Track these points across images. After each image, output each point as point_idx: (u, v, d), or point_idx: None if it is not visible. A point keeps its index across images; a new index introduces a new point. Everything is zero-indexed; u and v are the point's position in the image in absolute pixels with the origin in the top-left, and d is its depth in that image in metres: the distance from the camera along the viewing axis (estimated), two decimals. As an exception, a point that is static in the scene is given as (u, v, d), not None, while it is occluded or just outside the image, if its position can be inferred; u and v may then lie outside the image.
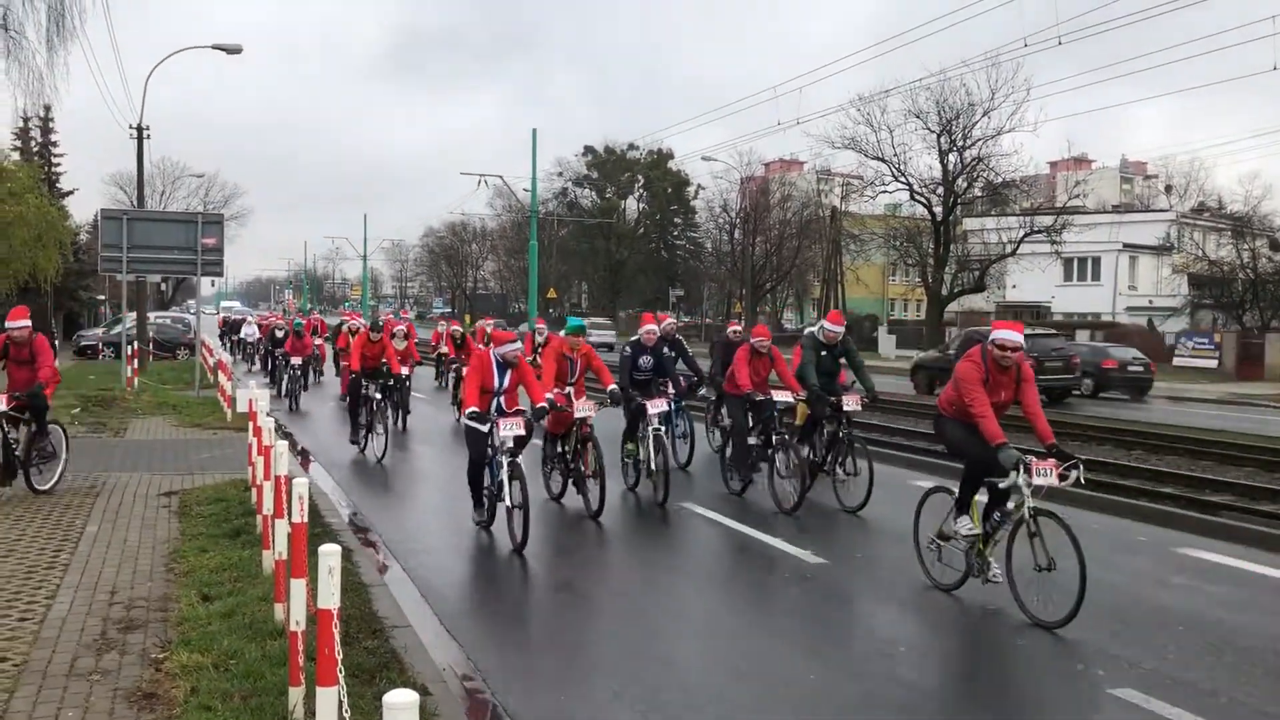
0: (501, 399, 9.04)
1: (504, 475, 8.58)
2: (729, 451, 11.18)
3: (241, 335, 35.80)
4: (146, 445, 14.17)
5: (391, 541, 9.05)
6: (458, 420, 16.33)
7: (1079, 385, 26.55)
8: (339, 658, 3.89)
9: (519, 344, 9.05)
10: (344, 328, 23.03)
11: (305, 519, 4.96)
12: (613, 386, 10.50)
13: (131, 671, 5.39)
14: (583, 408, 9.80)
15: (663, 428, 10.83)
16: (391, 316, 32.00)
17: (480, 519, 9.34)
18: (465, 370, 17.16)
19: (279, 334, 24.20)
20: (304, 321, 24.16)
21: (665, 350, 12.02)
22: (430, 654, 5.94)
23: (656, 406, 10.80)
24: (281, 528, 5.99)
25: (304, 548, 4.88)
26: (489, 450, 8.79)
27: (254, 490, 9.14)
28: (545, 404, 9.00)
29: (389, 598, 6.98)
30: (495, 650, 6.29)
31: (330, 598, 3.97)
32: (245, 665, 5.37)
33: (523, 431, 8.62)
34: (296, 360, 20.98)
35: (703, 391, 14.66)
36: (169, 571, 7.41)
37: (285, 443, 6.64)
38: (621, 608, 7.36)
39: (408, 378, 16.77)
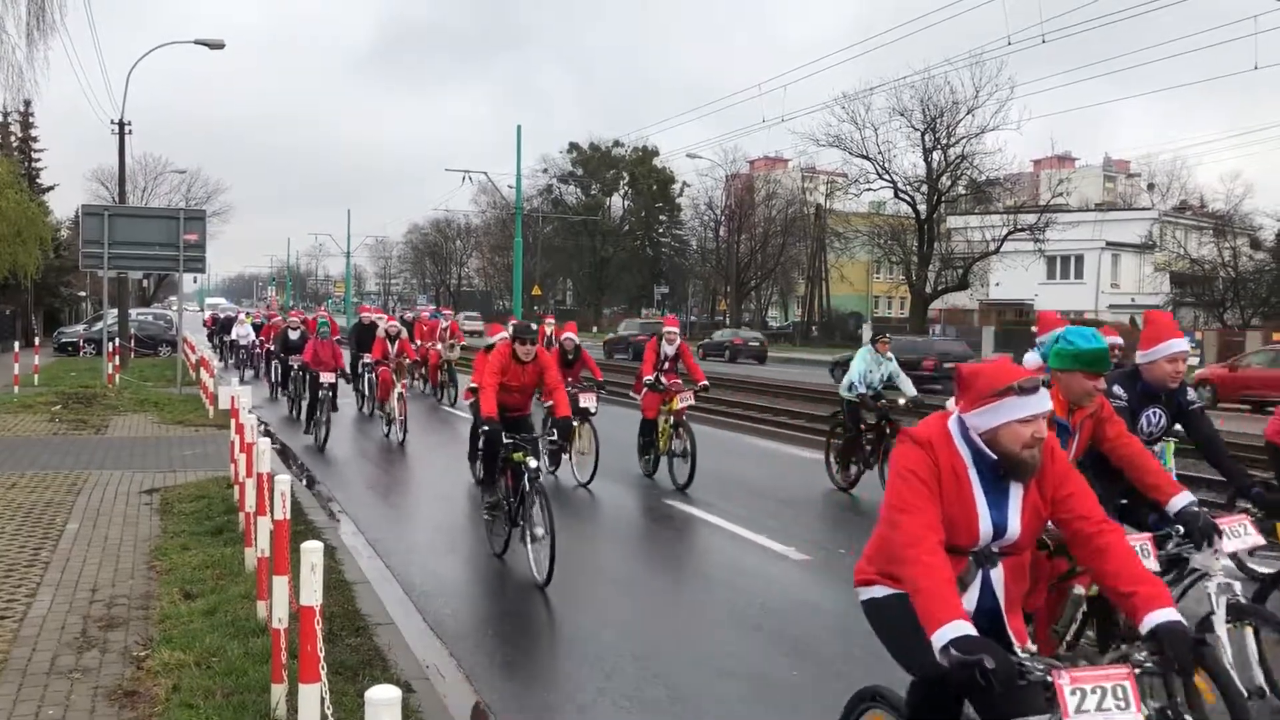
0: (998, 580, 3.27)
1: None
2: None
3: (233, 336, 30.89)
4: (128, 443, 14.08)
5: None
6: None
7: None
8: (321, 655, 3.89)
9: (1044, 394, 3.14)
10: (378, 331, 17.06)
11: (287, 516, 4.96)
12: (1188, 501, 4.37)
13: (113, 669, 5.36)
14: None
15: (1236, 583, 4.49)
16: (426, 315, 27.24)
17: None
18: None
19: (293, 335, 19.23)
20: (330, 321, 17.07)
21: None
22: (414, 652, 5.93)
23: (1241, 536, 4.49)
24: (264, 525, 5.97)
25: (286, 545, 4.87)
26: None
27: (236, 487, 9.10)
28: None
29: (372, 595, 6.97)
30: None
31: (312, 595, 3.96)
32: (227, 663, 5.35)
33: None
34: (328, 377, 14.86)
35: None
36: (150, 569, 7.38)
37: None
38: None
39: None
